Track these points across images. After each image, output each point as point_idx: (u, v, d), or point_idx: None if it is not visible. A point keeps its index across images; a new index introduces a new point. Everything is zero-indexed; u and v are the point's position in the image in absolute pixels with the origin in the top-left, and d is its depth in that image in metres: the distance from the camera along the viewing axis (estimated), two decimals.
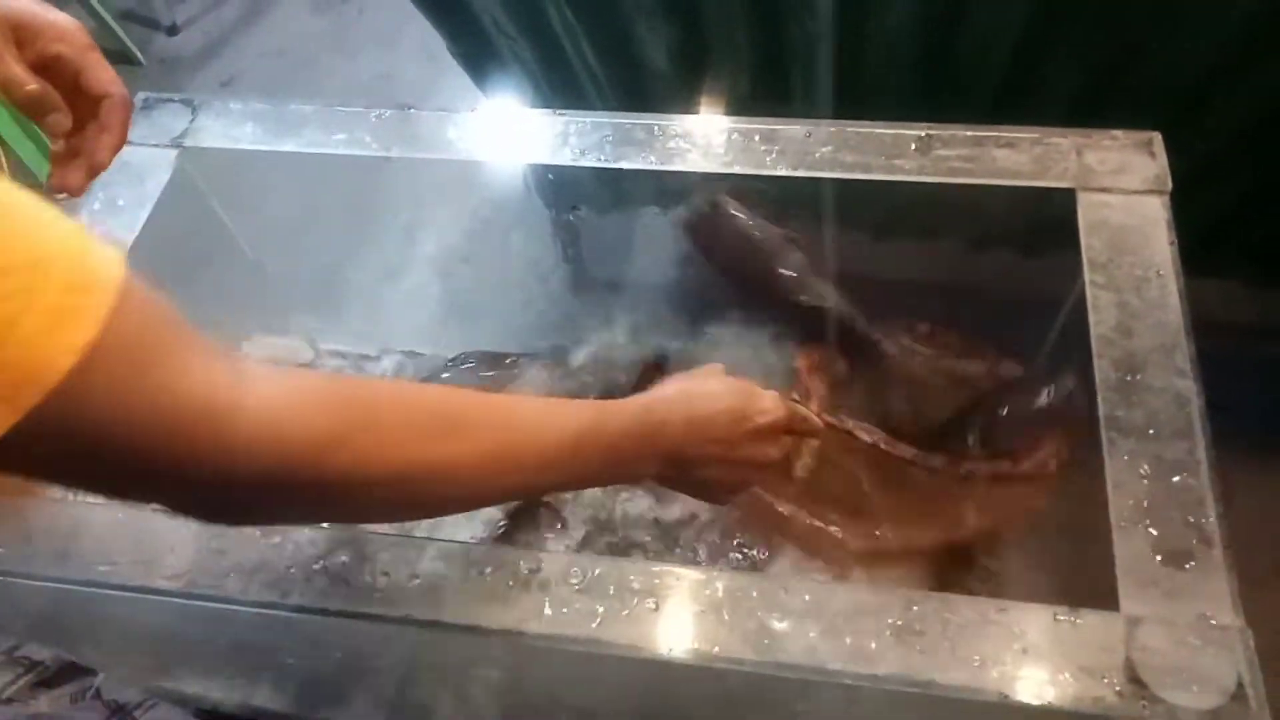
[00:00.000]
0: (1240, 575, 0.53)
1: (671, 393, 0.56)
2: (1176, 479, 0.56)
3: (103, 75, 0.58)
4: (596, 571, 0.55)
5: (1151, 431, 0.58)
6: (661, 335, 1.04)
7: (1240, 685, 0.49)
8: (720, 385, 0.57)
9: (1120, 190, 0.68)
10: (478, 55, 1.12)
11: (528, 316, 0.96)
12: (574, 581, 0.55)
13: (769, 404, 0.57)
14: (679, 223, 0.88)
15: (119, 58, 2.37)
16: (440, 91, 2.15)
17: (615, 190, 0.96)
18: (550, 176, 0.89)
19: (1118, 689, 0.50)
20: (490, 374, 0.90)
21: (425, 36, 2.40)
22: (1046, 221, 0.69)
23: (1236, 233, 1.20)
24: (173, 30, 2.46)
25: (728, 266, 0.89)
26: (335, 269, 0.93)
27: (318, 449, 0.41)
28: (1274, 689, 0.50)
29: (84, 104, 0.58)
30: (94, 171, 0.60)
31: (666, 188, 0.98)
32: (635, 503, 0.77)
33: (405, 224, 0.98)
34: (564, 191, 0.98)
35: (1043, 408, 0.75)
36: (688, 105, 1.07)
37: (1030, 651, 0.51)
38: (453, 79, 1.48)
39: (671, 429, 0.53)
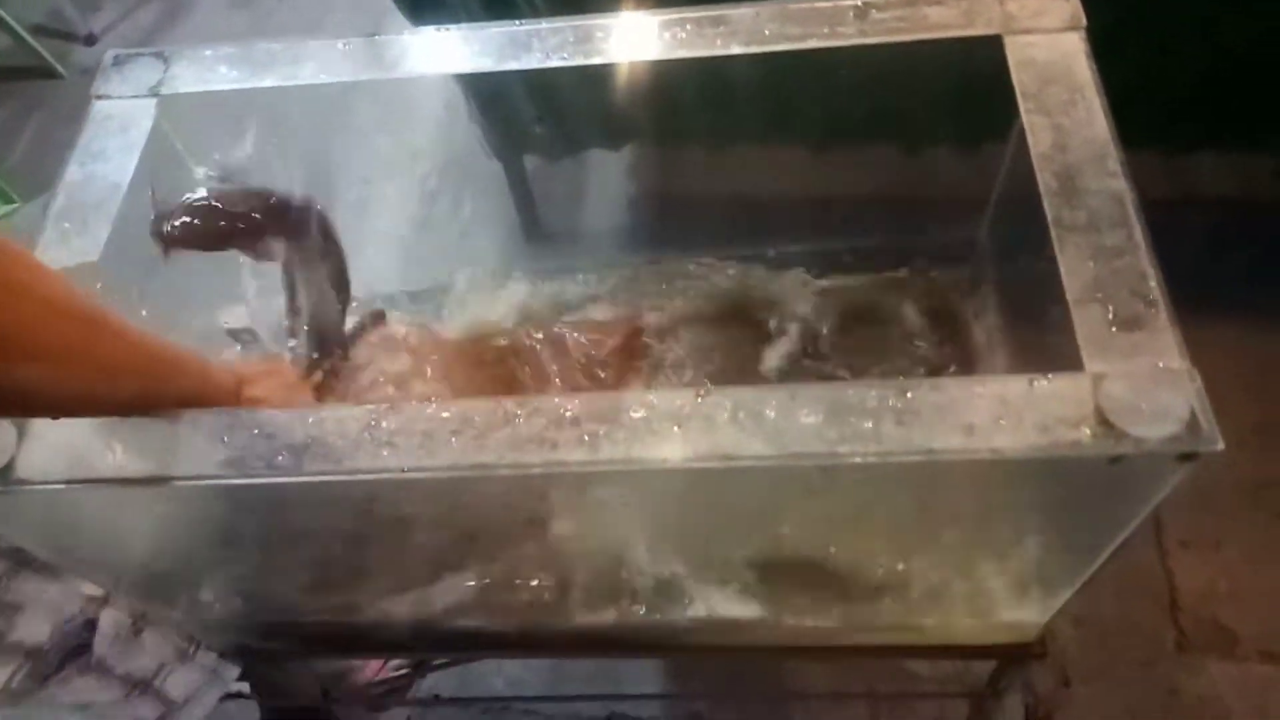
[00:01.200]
0: None
1: None
2: (1119, 261, 0.64)
3: None
4: (619, 403, 0.61)
5: (1093, 225, 0.65)
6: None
7: (1193, 414, 0.57)
8: None
9: (1042, 30, 0.75)
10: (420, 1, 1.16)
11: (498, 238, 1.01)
12: (600, 414, 0.60)
13: None
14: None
15: (40, 73, 2.35)
16: None
17: (575, 99, 1.02)
18: (514, 89, 0.93)
19: (1091, 432, 0.57)
20: None
21: (347, 25, 2.43)
22: (979, 66, 0.76)
23: (1147, 101, 1.29)
24: (90, 40, 2.43)
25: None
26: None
27: None
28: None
29: None
30: None
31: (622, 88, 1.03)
32: None
33: (376, 154, 1.03)
34: (528, 104, 1.02)
35: None
36: None
37: (1013, 413, 0.58)
38: None
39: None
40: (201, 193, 0.79)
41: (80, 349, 0.54)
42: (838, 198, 0.98)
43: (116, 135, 0.81)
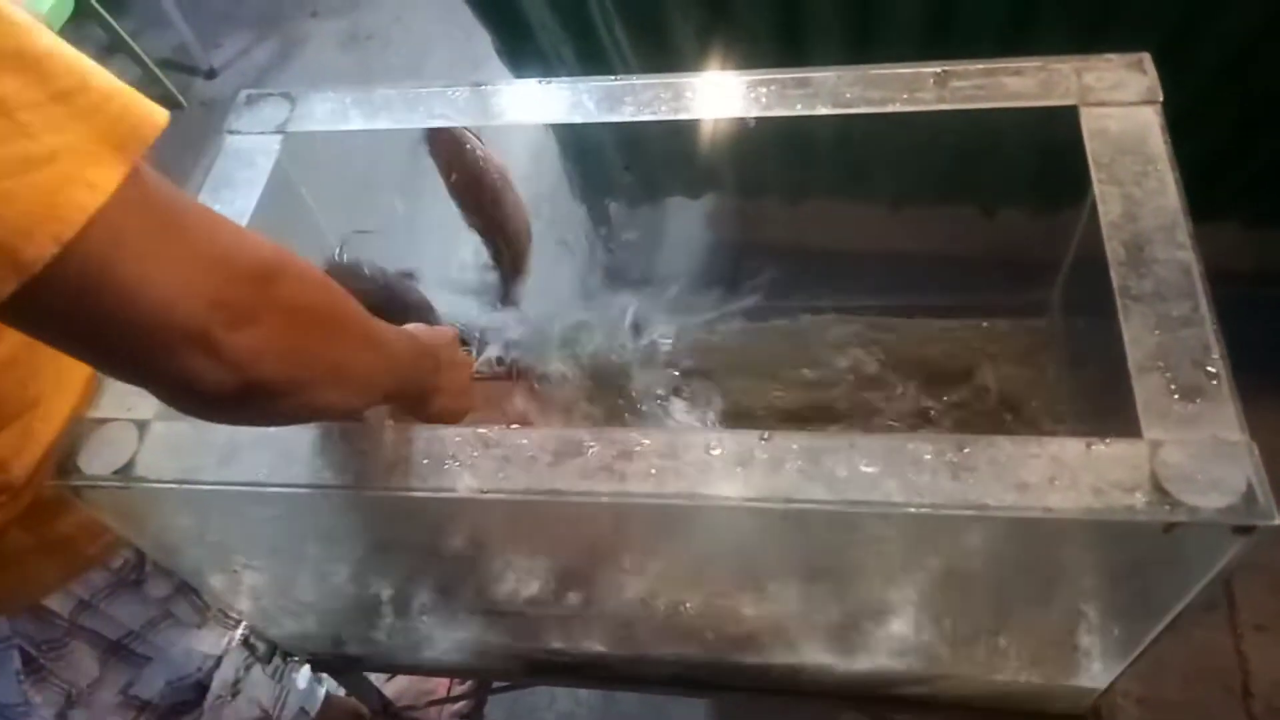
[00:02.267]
0: None
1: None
2: (1183, 332, 0.65)
3: None
4: (687, 441, 0.64)
5: (1159, 295, 0.67)
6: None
7: (1250, 486, 0.57)
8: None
9: (1117, 103, 0.77)
10: (521, 53, 1.23)
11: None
12: (669, 450, 0.64)
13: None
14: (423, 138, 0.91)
15: (164, 102, 2.50)
16: None
17: (661, 150, 1.07)
18: (606, 139, 0.99)
19: (1146, 498, 0.58)
20: None
21: (447, 67, 2.56)
22: (1056, 134, 0.78)
23: (1230, 172, 1.29)
24: (210, 74, 2.61)
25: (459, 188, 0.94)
26: (407, 242, 1.04)
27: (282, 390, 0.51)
28: None
29: None
30: None
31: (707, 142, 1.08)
32: None
33: None
34: (618, 153, 1.08)
35: None
36: None
37: (1068, 474, 0.60)
38: None
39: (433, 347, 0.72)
40: None
41: (371, 375, 0.60)
42: (913, 254, 1.01)
43: (245, 167, 0.88)
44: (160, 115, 0.46)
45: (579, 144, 1.26)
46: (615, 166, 1.27)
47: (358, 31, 2.73)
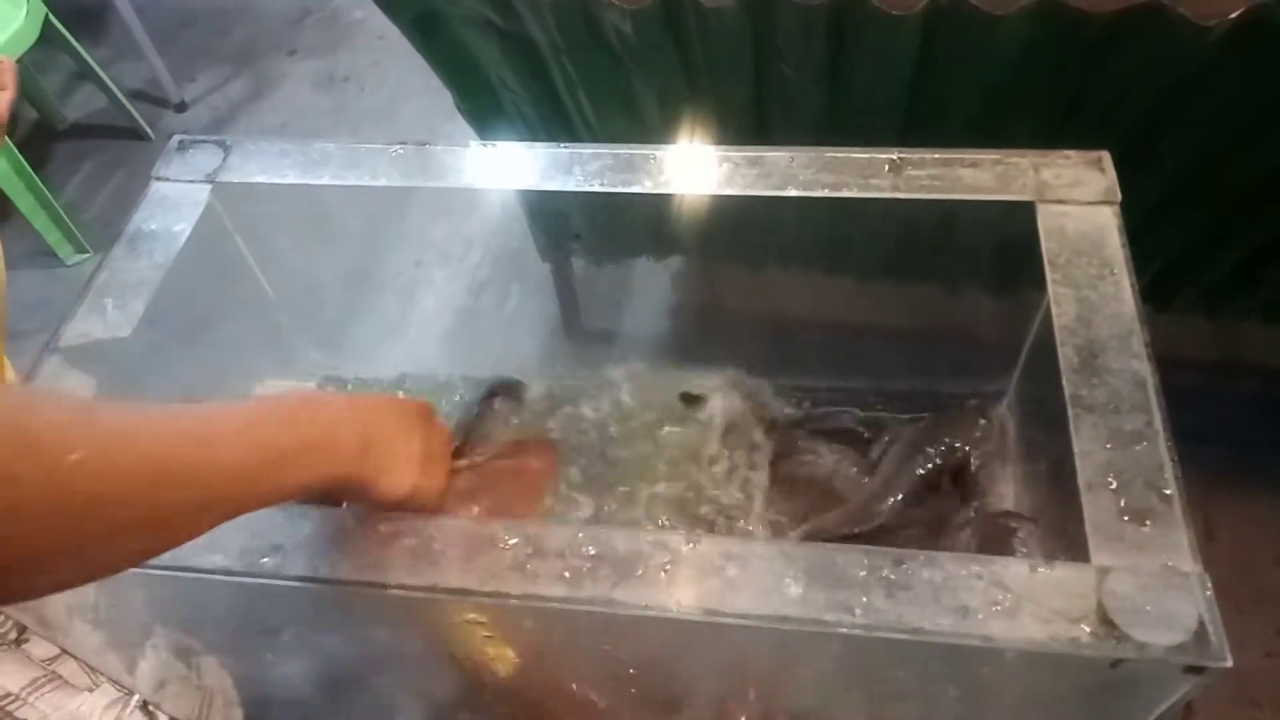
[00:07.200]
0: (1224, 602, 0.55)
1: None
2: (1137, 447, 0.62)
3: None
4: (611, 542, 0.60)
5: (1112, 407, 0.64)
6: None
7: (1201, 624, 0.54)
8: None
9: (1075, 201, 0.75)
10: (483, 110, 1.21)
11: (529, 344, 1.02)
12: (589, 551, 0.59)
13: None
14: None
15: (130, 134, 2.48)
16: None
17: (610, 220, 1.04)
18: (553, 206, 0.96)
19: (1091, 630, 0.54)
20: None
21: (421, 113, 2.54)
22: (1014, 228, 0.76)
23: (1194, 268, 1.28)
24: (181, 107, 2.57)
25: None
26: (349, 299, 1.00)
27: None
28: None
29: None
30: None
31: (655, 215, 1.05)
32: None
33: (419, 254, 1.05)
34: (566, 221, 1.05)
35: None
36: None
37: (1010, 600, 0.56)
38: None
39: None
40: None
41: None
42: (867, 336, 0.97)
43: (169, 217, 0.84)
44: None
45: (541, 204, 1.23)
46: (576, 228, 1.24)
47: (334, 73, 2.71)
